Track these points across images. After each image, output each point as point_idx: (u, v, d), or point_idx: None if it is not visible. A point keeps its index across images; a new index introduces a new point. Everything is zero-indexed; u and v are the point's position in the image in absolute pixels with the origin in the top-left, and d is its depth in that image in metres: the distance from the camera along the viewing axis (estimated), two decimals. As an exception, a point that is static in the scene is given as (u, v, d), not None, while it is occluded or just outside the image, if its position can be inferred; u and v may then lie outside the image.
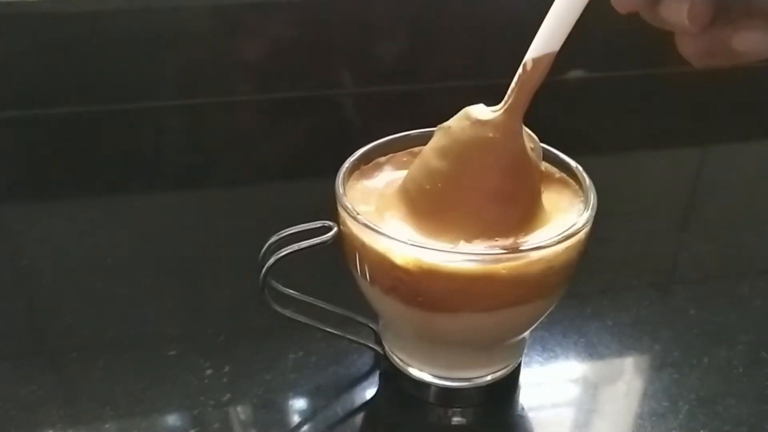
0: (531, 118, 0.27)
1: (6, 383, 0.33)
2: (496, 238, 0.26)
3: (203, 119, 0.60)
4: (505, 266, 0.25)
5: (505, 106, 0.26)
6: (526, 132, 0.27)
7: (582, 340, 0.35)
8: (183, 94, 0.60)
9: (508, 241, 0.26)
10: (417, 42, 0.62)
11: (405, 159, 0.32)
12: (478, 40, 0.63)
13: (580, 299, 0.38)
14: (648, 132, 0.59)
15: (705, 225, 0.47)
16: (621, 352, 0.35)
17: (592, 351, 0.35)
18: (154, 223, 0.46)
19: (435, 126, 0.28)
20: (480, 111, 0.26)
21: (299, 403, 0.33)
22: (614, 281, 0.40)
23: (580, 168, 0.30)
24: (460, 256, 0.25)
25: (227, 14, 0.58)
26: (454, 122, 0.27)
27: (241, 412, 0.32)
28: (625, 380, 0.33)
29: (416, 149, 0.32)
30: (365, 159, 0.31)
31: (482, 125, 0.25)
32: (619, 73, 0.68)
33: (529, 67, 0.25)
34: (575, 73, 0.67)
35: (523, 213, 0.27)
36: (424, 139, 0.32)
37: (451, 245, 0.26)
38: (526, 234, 0.26)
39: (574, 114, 0.62)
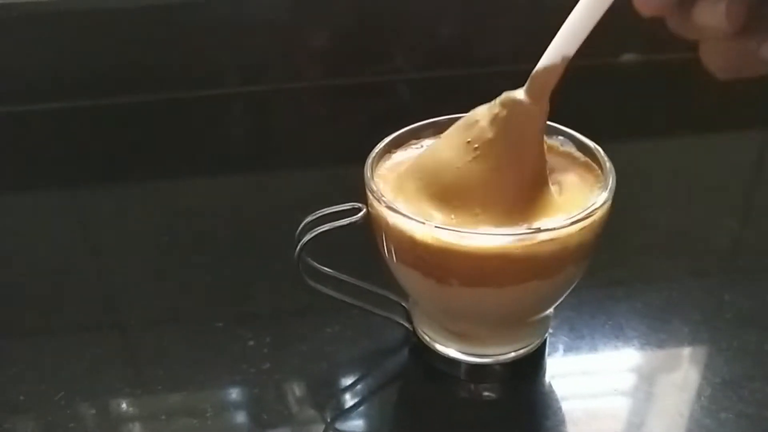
0: (585, 102, 0.27)
1: (75, 348, 0.37)
2: (514, 218, 0.27)
3: (258, 107, 0.63)
4: (519, 246, 0.26)
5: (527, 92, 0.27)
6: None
7: (610, 321, 0.36)
8: (235, 83, 0.63)
9: (524, 222, 0.27)
10: (471, 26, 0.63)
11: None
12: (532, 24, 0.63)
13: (612, 283, 0.39)
14: (706, 117, 0.58)
15: (752, 213, 0.47)
16: (648, 335, 0.35)
17: (618, 333, 0.35)
18: (207, 205, 0.49)
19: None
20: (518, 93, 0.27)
21: (333, 374, 0.35)
22: (650, 266, 0.41)
23: (602, 152, 0.30)
24: (475, 235, 0.26)
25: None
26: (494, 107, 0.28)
27: (279, 380, 0.34)
28: (649, 362, 0.34)
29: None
30: (396, 144, 0.33)
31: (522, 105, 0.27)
32: (673, 56, 0.66)
33: (541, 70, 0.26)
34: (628, 57, 0.66)
35: (536, 195, 0.28)
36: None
37: (466, 225, 0.27)
38: (542, 215, 0.27)
39: (628, 98, 0.61)
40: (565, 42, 0.25)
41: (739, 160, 0.52)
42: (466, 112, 0.33)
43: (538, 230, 0.26)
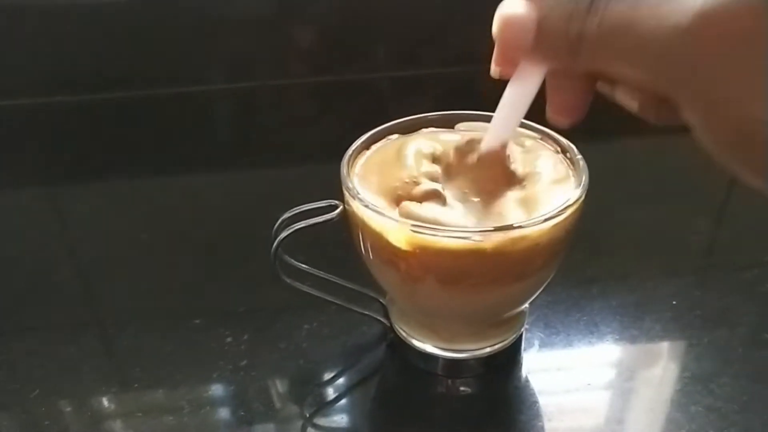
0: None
1: (51, 345, 0.36)
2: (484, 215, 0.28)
3: (241, 104, 0.63)
4: (491, 243, 0.26)
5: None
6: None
7: (584, 318, 0.36)
8: (220, 80, 0.63)
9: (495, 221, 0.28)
10: (453, 24, 0.63)
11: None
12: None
13: (587, 281, 0.39)
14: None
15: (727, 212, 0.47)
16: (621, 331, 0.36)
17: (593, 329, 0.36)
18: (187, 202, 0.49)
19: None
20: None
21: (310, 370, 0.35)
22: (624, 264, 0.41)
23: (575, 150, 0.31)
24: (447, 233, 0.27)
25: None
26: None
27: (256, 376, 0.34)
28: (620, 357, 0.35)
29: (425, 130, 0.34)
30: (372, 141, 0.33)
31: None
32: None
33: (485, 153, 0.28)
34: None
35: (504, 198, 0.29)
36: (430, 122, 0.34)
37: (439, 223, 0.27)
38: (513, 214, 0.28)
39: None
40: (499, 131, 0.27)
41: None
42: (450, 109, 0.34)
43: (511, 227, 0.26)
